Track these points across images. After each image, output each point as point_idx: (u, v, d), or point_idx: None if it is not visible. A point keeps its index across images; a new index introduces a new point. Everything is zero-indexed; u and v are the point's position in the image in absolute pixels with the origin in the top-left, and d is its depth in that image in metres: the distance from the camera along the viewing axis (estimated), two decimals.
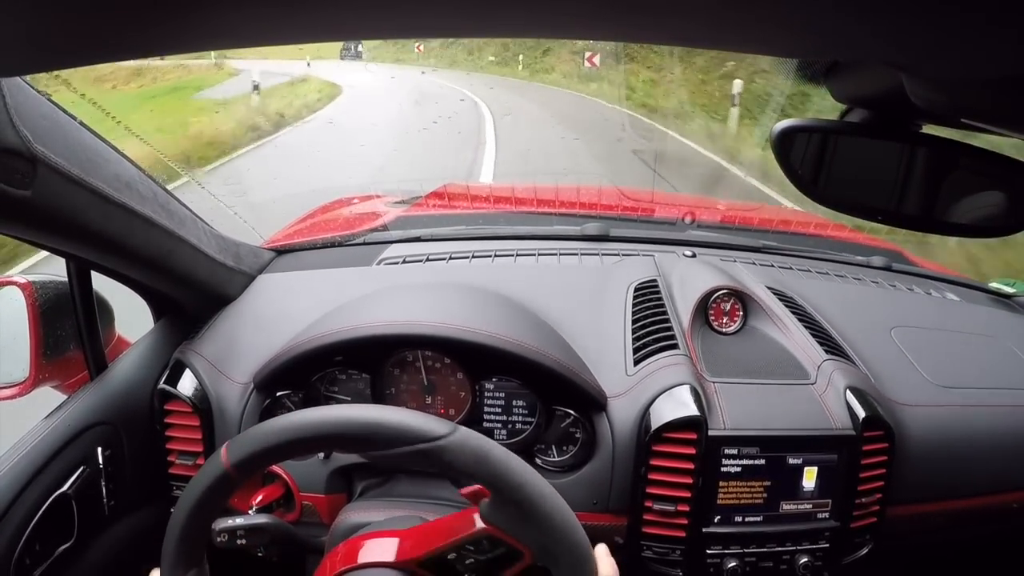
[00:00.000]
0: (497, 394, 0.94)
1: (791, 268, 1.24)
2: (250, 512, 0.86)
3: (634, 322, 1.01)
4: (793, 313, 1.04)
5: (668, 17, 0.30)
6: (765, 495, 0.87)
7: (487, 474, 0.55)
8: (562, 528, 0.56)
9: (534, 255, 1.19)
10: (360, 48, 20.33)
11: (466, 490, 0.59)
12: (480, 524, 0.59)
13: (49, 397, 0.88)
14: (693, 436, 0.85)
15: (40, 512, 0.74)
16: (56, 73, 0.61)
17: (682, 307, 1.03)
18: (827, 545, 0.89)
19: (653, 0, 0.28)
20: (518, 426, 0.94)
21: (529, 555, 0.59)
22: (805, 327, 1.01)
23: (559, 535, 0.56)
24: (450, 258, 1.17)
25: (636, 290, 1.08)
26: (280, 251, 1.22)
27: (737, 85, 7.79)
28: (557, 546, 0.56)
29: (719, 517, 0.87)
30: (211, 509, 0.59)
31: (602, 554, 0.60)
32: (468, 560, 0.61)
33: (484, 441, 0.56)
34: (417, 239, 1.26)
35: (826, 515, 0.88)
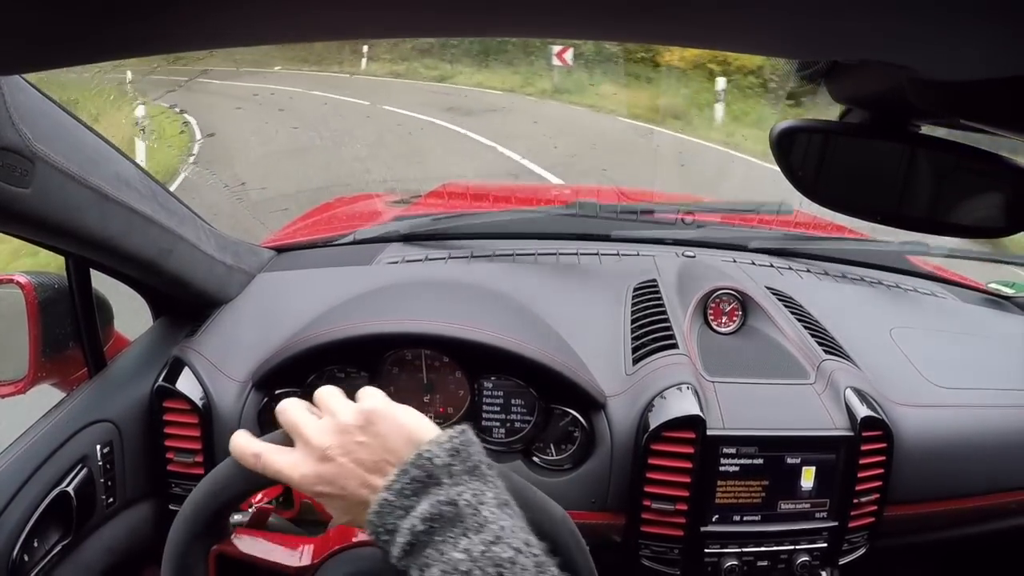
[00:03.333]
0: (496, 393, 0.94)
1: (790, 268, 1.24)
2: (250, 510, 0.86)
3: (633, 322, 1.01)
4: (792, 313, 1.04)
5: (668, 18, 0.30)
6: (763, 494, 0.87)
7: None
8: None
9: (533, 254, 1.19)
10: None
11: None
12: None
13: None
14: (692, 435, 0.85)
15: (38, 509, 0.74)
16: None
17: (681, 307, 1.03)
18: (825, 545, 0.89)
19: (653, 1, 0.28)
20: (517, 425, 0.94)
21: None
22: (804, 327, 1.01)
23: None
24: (449, 257, 1.16)
25: (635, 290, 1.08)
26: (279, 250, 1.22)
27: (720, 82, 7.49)
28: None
29: (717, 516, 0.87)
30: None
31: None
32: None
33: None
34: (416, 238, 1.26)
35: (824, 515, 0.88)
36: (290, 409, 0.53)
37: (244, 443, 0.52)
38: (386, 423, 0.49)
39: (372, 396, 0.52)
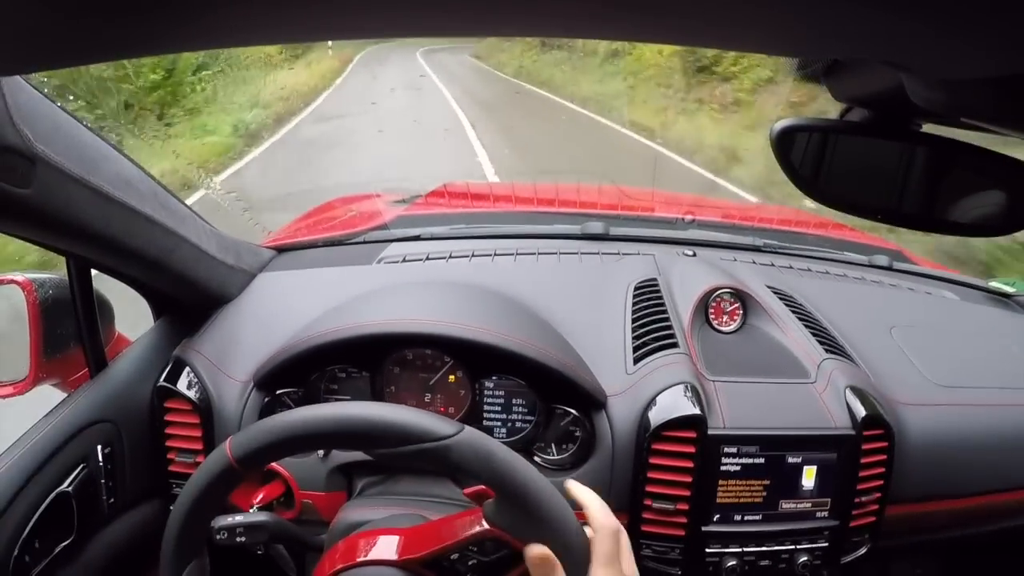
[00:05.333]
0: (497, 392, 0.94)
1: (791, 267, 1.24)
2: (251, 510, 0.86)
3: (634, 321, 1.01)
4: (793, 312, 1.04)
5: (668, 16, 0.30)
6: (764, 494, 0.87)
7: (491, 475, 0.55)
8: (563, 530, 0.56)
9: (534, 254, 1.19)
10: None
11: (470, 490, 0.59)
12: (484, 525, 0.58)
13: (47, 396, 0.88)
14: (693, 435, 0.85)
15: (40, 510, 0.74)
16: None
17: (682, 306, 1.03)
18: (826, 544, 0.89)
19: None
20: (518, 424, 0.94)
21: None
22: (805, 326, 1.01)
23: (560, 536, 0.55)
24: (450, 257, 1.17)
25: (636, 289, 1.08)
26: (280, 250, 1.22)
27: None
28: (556, 547, 0.56)
29: (718, 516, 0.87)
30: (213, 503, 0.59)
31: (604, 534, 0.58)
32: (471, 561, 0.60)
33: (489, 441, 0.56)
34: (417, 238, 1.26)
35: (825, 514, 0.88)
36: (601, 505, 0.61)
37: (606, 512, 0.60)
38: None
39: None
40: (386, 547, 0.63)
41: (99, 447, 0.85)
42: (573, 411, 0.92)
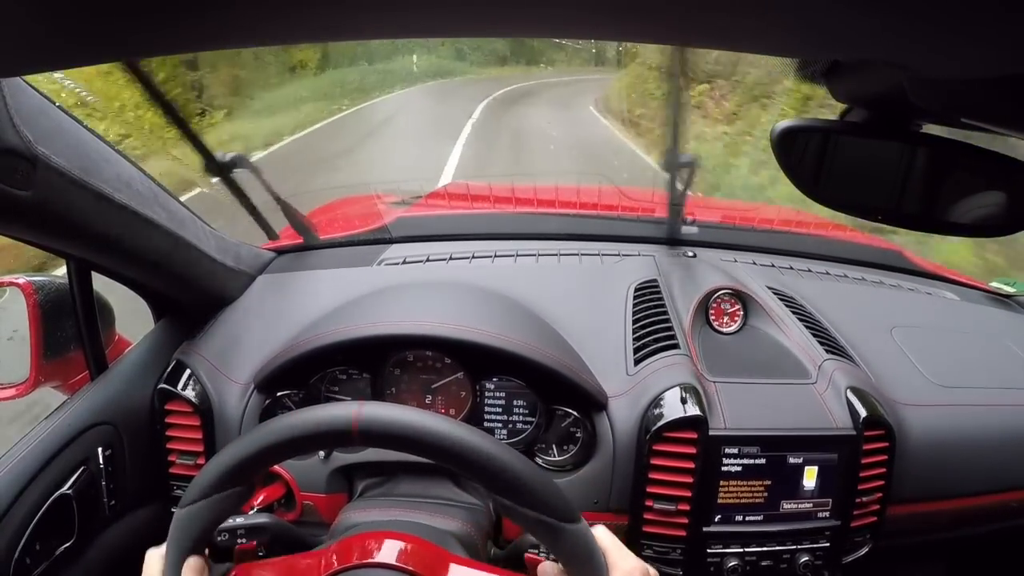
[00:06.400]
0: (498, 394, 0.94)
1: (791, 268, 1.24)
2: (251, 512, 0.86)
3: (634, 322, 1.01)
4: (793, 313, 1.04)
5: (668, 16, 0.30)
6: (765, 494, 0.87)
7: (581, 570, 0.55)
8: None
9: (534, 255, 1.19)
10: None
11: (531, 555, 0.60)
12: None
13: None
14: (694, 435, 0.85)
15: (40, 512, 0.74)
16: None
17: (682, 307, 1.03)
18: (827, 544, 0.89)
19: (653, 1, 0.28)
20: (519, 426, 0.94)
21: None
22: (805, 327, 1.01)
23: None
24: (450, 258, 1.17)
25: (636, 290, 1.08)
26: (280, 251, 1.22)
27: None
28: None
29: (719, 516, 0.87)
30: (304, 448, 0.56)
31: None
32: None
33: (595, 544, 0.56)
34: (417, 239, 1.26)
35: (826, 514, 0.88)
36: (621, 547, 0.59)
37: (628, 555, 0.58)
38: None
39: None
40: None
41: (100, 449, 0.85)
42: (574, 412, 0.92)
